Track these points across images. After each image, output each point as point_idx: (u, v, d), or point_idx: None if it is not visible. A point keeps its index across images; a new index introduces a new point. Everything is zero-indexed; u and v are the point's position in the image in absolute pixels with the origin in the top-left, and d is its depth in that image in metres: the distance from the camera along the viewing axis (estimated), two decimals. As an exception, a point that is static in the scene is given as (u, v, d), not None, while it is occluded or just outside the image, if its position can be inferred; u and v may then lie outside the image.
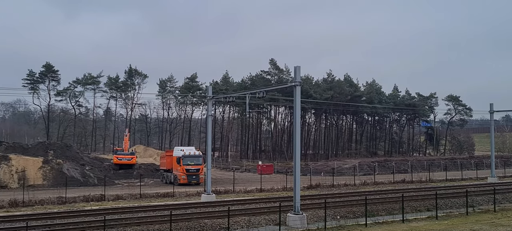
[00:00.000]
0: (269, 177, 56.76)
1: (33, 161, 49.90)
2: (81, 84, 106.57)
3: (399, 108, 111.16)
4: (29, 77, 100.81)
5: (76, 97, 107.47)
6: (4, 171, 47.05)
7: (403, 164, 74.01)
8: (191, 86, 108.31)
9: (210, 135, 38.34)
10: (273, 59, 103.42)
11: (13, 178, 46.75)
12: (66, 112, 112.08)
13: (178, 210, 28.93)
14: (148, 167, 64.17)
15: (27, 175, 46.96)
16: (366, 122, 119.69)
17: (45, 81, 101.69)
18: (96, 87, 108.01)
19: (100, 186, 44.00)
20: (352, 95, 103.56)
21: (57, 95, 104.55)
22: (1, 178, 46.32)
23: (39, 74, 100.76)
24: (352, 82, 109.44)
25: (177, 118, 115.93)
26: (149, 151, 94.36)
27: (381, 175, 62.14)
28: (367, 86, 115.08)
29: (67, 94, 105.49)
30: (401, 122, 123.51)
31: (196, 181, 49.01)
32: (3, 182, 45.97)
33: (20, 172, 47.42)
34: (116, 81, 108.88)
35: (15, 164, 48.23)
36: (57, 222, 24.70)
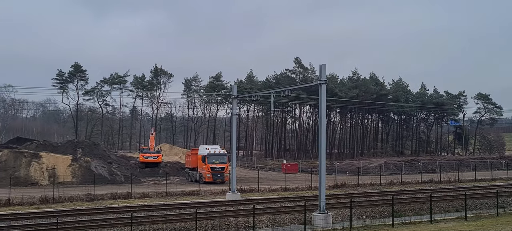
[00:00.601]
0: (294, 176, 56.55)
1: (62, 158, 51.02)
2: (108, 83, 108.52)
3: (426, 107, 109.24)
4: (59, 77, 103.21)
5: (103, 96, 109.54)
6: (35, 168, 48.25)
7: (430, 164, 72.68)
8: (216, 85, 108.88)
9: (234, 133, 38.44)
10: (297, 57, 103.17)
11: (43, 175, 47.89)
12: (93, 111, 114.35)
13: (203, 208, 29.11)
14: (174, 165, 64.78)
15: (57, 172, 48.04)
16: (392, 120, 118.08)
17: (73, 81, 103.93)
18: (123, 86, 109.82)
19: (127, 184, 44.66)
20: (378, 94, 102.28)
21: (85, 94, 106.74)
22: (32, 175, 47.52)
23: (68, 74, 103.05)
24: (377, 81, 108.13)
25: (202, 117, 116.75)
26: (175, 149, 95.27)
27: (408, 174, 61.17)
28: (393, 84, 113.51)
29: (95, 93, 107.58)
30: (428, 121, 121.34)
31: (221, 180, 49.22)
32: (34, 179, 47.14)
33: (50, 169, 48.56)
34: (142, 80, 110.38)
35: (45, 161, 49.42)
36: (86, 218, 25.17)
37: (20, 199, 32.67)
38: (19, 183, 44.33)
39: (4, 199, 31.93)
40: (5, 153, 50.53)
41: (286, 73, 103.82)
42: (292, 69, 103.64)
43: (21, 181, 45.62)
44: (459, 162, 72.47)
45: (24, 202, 32.09)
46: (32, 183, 46.32)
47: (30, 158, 49.55)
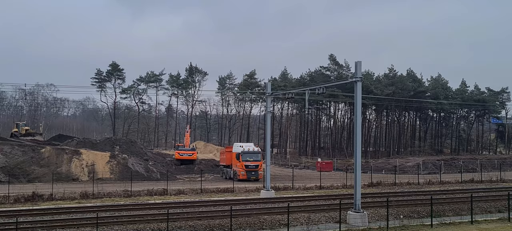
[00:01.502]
0: (329, 174, 56.06)
1: (101, 155, 52.37)
2: (144, 82, 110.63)
3: (467, 104, 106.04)
4: (97, 76, 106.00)
5: (140, 95, 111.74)
6: (75, 164, 49.74)
7: (471, 163, 70.59)
8: (250, 83, 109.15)
9: (269, 131, 38.46)
10: (332, 54, 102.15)
11: (83, 171, 49.32)
12: (130, 109, 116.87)
13: (238, 205, 29.21)
14: (208, 163, 65.37)
15: (96, 169, 49.37)
16: (430, 118, 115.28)
17: (111, 80, 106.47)
18: (158, 85, 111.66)
19: (163, 181, 45.42)
20: (415, 91, 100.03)
21: (122, 93, 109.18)
22: (73, 171, 49.01)
23: (105, 73, 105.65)
24: (415, 78, 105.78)
25: (236, 115, 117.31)
26: (209, 147, 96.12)
27: (447, 174, 59.58)
28: (432, 81, 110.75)
29: (131, 92, 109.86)
30: (469, 119, 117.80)
31: (255, 177, 49.35)
32: (75, 175, 48.60)
33: (90, 165, 49.95)
34: (177, 79, 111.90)
35: (85, 158, 50.87)
36: (123, 214, 25.75)
37: (62, 194, 33.76)
38: (61, 178, 45.78)
39: (47, 194, 33.06)
40: (48, 149, 52.30)
41: (320, 70, 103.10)
42: (327, 67, 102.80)
43: (63, 177, 47.09)
44: (501, 161, 70.09)
45: (66, 197, 33.13)
46: (73, 178, 47.74)
47: (71, 154, 51.13)
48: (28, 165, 48.90)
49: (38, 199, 32.00)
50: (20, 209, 27.62)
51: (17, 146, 53.26)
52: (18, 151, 51.11)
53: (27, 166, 48.63)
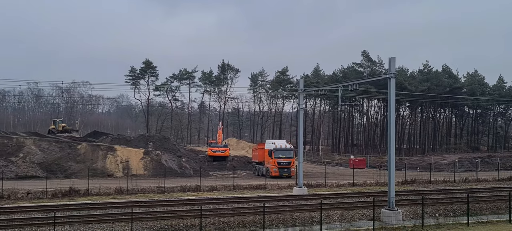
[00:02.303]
0: (362, 171, 55.36)
1: (135, 152, 53.31)
2: (177, 79, 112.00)
3: (505, 101, 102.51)
4: (131, 73, 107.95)
5: (173, 92, 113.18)
6: (110, 161, 50.82)
7: (509, 160, 68.33)
8: (282, 80, 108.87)
9: (301, 128, 38.17)
10: (365, 51, 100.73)
11: (118, 167, 50.32)
12: (163, 106, 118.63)
13: (270, 202, 29.18)
14: (241, 159, 65.60)
15: (130, 165, 50.28)
16: (466, 115, 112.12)
17: (144, 77, 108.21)
18: (191, 82, 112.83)
19: (196, 177, 45.84)
20: (451, 87, 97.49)
21: (156, 90, 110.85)
22: (108, 167, 50.08)
23: (139, 70, 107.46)
24: (451, 73, 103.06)
25: (268, 111, 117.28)
26: (241, 143, 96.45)
27: (484, 171, 57.73)
28: (468, 77, 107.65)
29: (165, 89, 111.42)
30: (507, 115, 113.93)
31: (287, 174, 49.19)
32: (110, 171, 49.65)
33: (124, 162, 50.91)
34: (209, 76, 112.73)
35: (120, 154, 51.89)
36: (157, 209, 26.10)
37: (98, 189, 34.53)
38: (96, 174, 46.85)
39: (83, 189, 33.90)
40: (84, 146, 53.63)
41: (353, 66, 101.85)
42: (360, 63, 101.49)
43: (98, 173, 48.18)
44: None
45: (101, 193, 33.87)
46: (108, 174, 48.78)
47: (106, 151, 52.26)
48: (65, 161, 50.28)
49: (75, 194, 32.85)
50: (58, 204, 28.41)
51: (55, 142, 54.80)
52: (55, 147, 52.60)
53: (64, 162, 50.01)
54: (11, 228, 20.70)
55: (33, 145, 52.05)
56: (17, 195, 32.03)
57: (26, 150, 50.78)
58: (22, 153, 50.04)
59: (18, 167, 46.82)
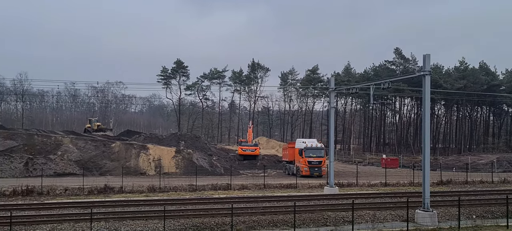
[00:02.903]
0: (394, 171, 54.42)
1: (167, 150, 54.04)
2: (207, 78, 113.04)
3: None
4: (163, 73, 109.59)
5: (203, 91, 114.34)
6: (143, 159, 51.68)
7: (551, 161, 65.61)
8: (312, 79, 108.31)
9: (332, 127, 37.83)
10: (398, 48, 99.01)
11: (150, 165, 51.12)
12: (194, 105, 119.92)
13: (301, 201, 29.04)
14: (271, 158, 65.54)
15: (162, 163, 50.96)
16: (505, 113, 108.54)
17: (176, 77, 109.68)
18: (222, 81, 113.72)
19: (226, 176, 46.06)
20: (488, 85, 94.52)
21: (187, 89, 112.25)
22: (141, 166, 50.95)
23: (171, 70, 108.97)
24: (488, 70, 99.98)
25: (298, 110, 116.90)
26: (272, 142, 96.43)
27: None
28: (507, 74, 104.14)
29: (195, 88, 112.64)
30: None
31: (318, 173, 48.84)
32: (143, 169, 50.50)
33: (156, 160, 51.67)
34: (240, 75, 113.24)
35: (152, 153, 52.72)
36: (189, 207, 26.39)
37: (131, 187, 35.19)
38: (129, 172, 47.72)
39: (117, 187, 34.61)
40: (118, 144, 54.75)
41: (385, 64, 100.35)
42: (392, 61, 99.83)
43: (131, 171, 49.07)
44: None
45: (134, 190, 34.50)
46: (141, 172, 49.61)
47: (138, 149, 53.18)
48: (100, 159, 51.46)
49: (110, 191, 33.58)
50: (94, 200, 29.13)
51: (90, 140, 56.18)
52: (91, 146, 53.92)
53: (99, 160, 51.18)
54: (51, 223, 21.35)
55: (70, 143, 53.53)
56: (56, 191, 33.02)
57: (64, 148, 52.25)
58: (60, 151, 51.52)
59: (56, 165, 48.22)
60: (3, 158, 47.15)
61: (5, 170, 44.66)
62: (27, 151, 50.30)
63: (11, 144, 51.45)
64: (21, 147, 51.20)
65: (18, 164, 46.65)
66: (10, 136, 53.76)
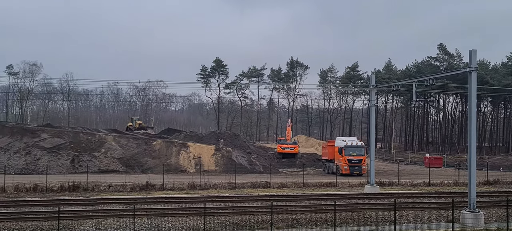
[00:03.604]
0: (438, 171, 52.91)
1: (207, 148, 54.65)
2: (246, 77, 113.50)
3: None
4: (202, 72, 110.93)
5: (242, 89, 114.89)
6: (183, 157, 52.49)
7: None
8: (352, 76, 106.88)
9: (373, 125, 37.15)
10: (442, 44, 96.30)
11: (191, 163, 51.86)
12: (233, 104, 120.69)
13: (341, 200, 28.67)
14: (310, 157, 65.13)
15: (202, 161, 51.60)
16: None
17: (215, 75, 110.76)
18: (260, 79, 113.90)
19: (265, 174, 46.13)
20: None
21: (226, 88, 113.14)
22: (181, 163, 51.77)
23: (210, 69, 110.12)
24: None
25: (338, 108, 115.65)
26: (311, 140, 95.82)
27: None
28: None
29: (234, 87, 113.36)
30: None
31: (358, 172, 48.15)
32: (183, 166, 51.30)
33: (196, 158, 52.37)
34: (278, 73, 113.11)
35: (192, 151, 53.46)
36: (229, 205, 26.54)
37: (172, 184, 35.78)
38: (170, 170, 48.59)
39: (158, 184, 35.28)
40: (159, 142, 55.84)
41: (428, 61, 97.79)
42: (435, 57, 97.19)
43: (172, 168, 49.95)
44: None
45: (175, 188, 35.05)
46: (181, 170, 50.42)
47: (179, 147, 54.06)
48: (141, 156, 52.65)
49: (151, 188, 34.26)
50: (136, 197, 29.78)
51: (132, 138, 57.57)
52: (133, 144, 55.25)
53: (141, 157, 52.37)
54: (96, 219, 22.01)
55: (113, 141, 55.04)
56: (100, 188, 34.02)
57: (107, 146, 53.78)
58: (103, 148, 53.07)
59: (100, 162, 49.71)
60: (51, 155, 49.04)
61: (53, 167, 46.41)
62: (73, 149, 52.10)
63: (59, 142, 53.44)
64: (68, 145, 53.07)
65: (65, 160, 48.42)
66: (58, 134, 55.83)
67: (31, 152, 49.17)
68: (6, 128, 57.06)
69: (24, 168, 46.34)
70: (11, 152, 48.91)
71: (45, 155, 48.88)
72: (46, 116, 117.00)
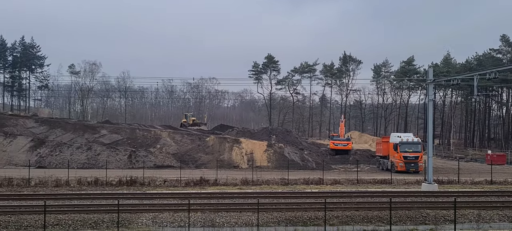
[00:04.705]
0: (501, 168, 50.42)
1: (259, 144, 54.86)
2: (298, 73, 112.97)
3: None
4: (254, 68, 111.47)
5: (294, 85, 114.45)
6: (236, 152, 52.98)
7: None
8: (407, 70, 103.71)
9: (430, 120, 35.82)
10: (505, 35, 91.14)
11: (243, 159, 52.25)
12: (285, 99, 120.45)
13: (397, 197, 27.88)
14: (364, 153, 63.93)
15: (254, 157, 51.86)
16: None
17: (267, 71, 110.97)
18: (312, 75, 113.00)
19: (318, 170, 45.72)
20: None
21: (277, 84, 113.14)
22: (234, 159, 52.27)
23: (262, 65, 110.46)
24: None
25: (392, 104, 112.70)
26: (364, 137, 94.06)
27: None
28: None
29: (286, 83, 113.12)
30: None
31: (414, 169, 46.66)
32: (236, 162, 51.78)
33: (249, 154, 52.69)
34: (331, 68, 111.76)
35: (244, 146, 53.85)
36: (281, 201, 26.50)
37: (225, 179, 36.22)
38: (223, 165, 49.18)
39: (212, 179, 35.80)
40: (212, 138, 56.68)
41: (490, 53, 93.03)
42: (498, 49, 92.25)
43: (225, 164, 50.54)
44: None
45: (228, 183, 35.44)
46: (234, 166, 50.90)
47: (232, 143, 54.62)
48: (195, 152, 53.65)
49: (205, 184, 34.81)
50: (190, 192, 30.38)
51: (186, 134, 58.77)
52: (187, 139, 56.40)
53: (195, 153, 53.37)
54: (152, 212, 22.64)
55: (168, 137, 56.47)
56: (156, 182, 34.99)
57: (163, 141, 55.24)
58: (159, 144, 54.56)
59: (156, 157, 51.13)
60: (110, 150, 50.98)
61: (112, 162, 48.22)
62: (130, 144, 53.93)
63: (117, 138, 55.49)
64: (125, 140, 55.00)
65: (122, 156, 50.17)
66: (116, 130, 57.98)
67: (91, 147, 51.34)
68: (69, 124, 59.88)
69: (86, 163, 48.47)
70: (73, 147, 51.27)
71: (104, 150, 50.88)
72: (105, 112, 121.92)
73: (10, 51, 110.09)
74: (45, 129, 56.74)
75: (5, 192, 29.83)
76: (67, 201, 26.04)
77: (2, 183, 33.29)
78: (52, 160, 48.92)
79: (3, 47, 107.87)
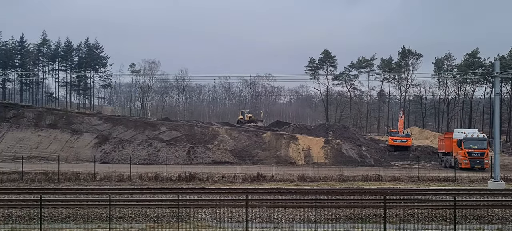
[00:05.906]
0: None
1: (316, 140, 54.52)
2: (355, 68, 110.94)
3: None
4: (310, 64, 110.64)
5: (351, 80, 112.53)
6: (292, 149, 52.95)
7: None
8: (472, 63, 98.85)
9: (497, 115, 34.07)
10: None
11: (300, 155, 52.14)
12: (342, 95, 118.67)
13: (461, 196, 26.83)
14: (424, 150, 61.85)
15: (311, 153, 51.62)
16: None
17: (323, 67, 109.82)
18: (370, 70, 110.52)
19: (376, 167, 44.79)
20: None
21: (334, 79, 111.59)
22: (291, 155, 52.28)
23: (318, 61, 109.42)
24: None
25: (455, 98, 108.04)
26: (425, 133, 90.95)
27: None
28: None
29: (343, 78, 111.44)
30: None
31: (480, 166, 44.61)
32: (292, 158, 51.77)
33: (305, 150, 52.51)
34: (389, 63, 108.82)
35: (301, 143, 53.70)
36: (339, 198, 26.24)
37: (282, 176, 36.33)
38: (280, 161, 49.35)
39: (269, 176, 36.03)
40: (268, 135, 56.95)
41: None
42: None
43: (282, 160, 50.68)
44: None
45: (285, 179, 35.53)
46: (291, 162, 50.92)
47: (288, 139, 54.64)
48: (252, 148, 54.15)
49: (262, 180, 35.11)
50: (248, 187, 30.76)
51: (243, 131, 59.43)
52: (244, 136, 57.03)
53: (251, 149, 53.87)
54: (211, 208, 23.14)
55: (225, 134, 57.37)
56: (214, 178, 35.71)
57: (220, 138, 56.21)
58: (216, 140, 55.56)
59: (214, 153, 52.16)
60: (169, 147, 52.57)
61: (171, 158, 49.71)
62: (188, 141, 55.31)
63: (176, 134, 57.08)
64: (184, 137, 56.45)
65: (181, 152, 51.59)
66: (175, 127, 59.64)
67: (152, 144, 53.15)
68: (130, 121, 62.30)
69: (146, 159, 50.26)
70: (135, 143, 53.32)
71: (164, 146, 52.53)
72: (164, 110, 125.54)
73: (76, 52, 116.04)
74: (108, 126, 59.38)
75: (73, 186, 31.61)
76: (130, 195, 27.17)
77: (70, 177, 35.31)
78: (115, 155, 51.16)
79: (69, 49, 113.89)
